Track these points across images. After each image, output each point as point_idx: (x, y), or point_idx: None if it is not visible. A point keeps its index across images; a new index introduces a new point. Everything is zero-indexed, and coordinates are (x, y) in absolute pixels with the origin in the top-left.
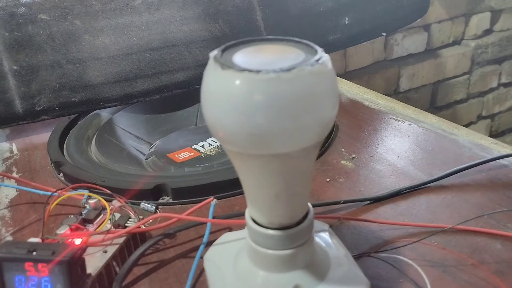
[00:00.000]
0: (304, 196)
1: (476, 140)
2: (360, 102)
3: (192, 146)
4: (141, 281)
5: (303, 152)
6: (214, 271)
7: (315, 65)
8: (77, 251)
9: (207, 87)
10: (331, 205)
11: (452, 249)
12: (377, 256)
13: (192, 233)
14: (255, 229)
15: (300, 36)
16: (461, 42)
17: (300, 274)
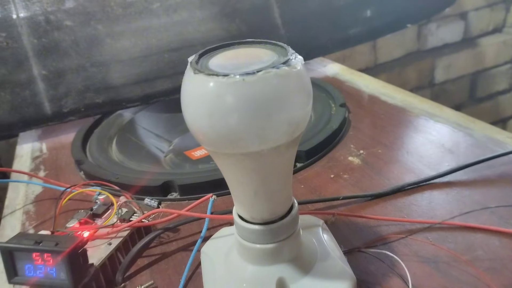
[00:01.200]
0: (284, 192)
1: (493, 134)
2: (377, 97)
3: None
4: (143, 272)
5: (275, 151)
6: (208, 264)
7: (281, 68)
8: (78, 243)
9: (183, 91)
10: (330, 201)
11: (447, 246)
12: (368, 252)
13: (195, 227)
14: (240, 224)
15: (320, 31)
16: (502, 29)
17: (285, 267)
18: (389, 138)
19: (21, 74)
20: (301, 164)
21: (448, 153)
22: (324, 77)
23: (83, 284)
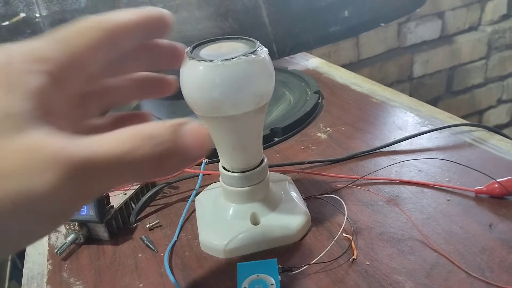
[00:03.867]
0: (256, 148)
1: (436, 115)
2: (348, 86)
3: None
4: (150, 216)
5: (246, 115)
6: (200, 208)
7: (249, 56)
8: None
9: (181, 73)
10: (298, 165)
11: (382, 194)
12: (322, 198)
13: (191, 185)
14: (224, 173)
15: (303, 29)
16: (477, 27)
17: (257, 205)
18: (352, 118)
19: None
20: (278, 139)
21: (397, 129)
22: (305, 69)
23: (106, 221)
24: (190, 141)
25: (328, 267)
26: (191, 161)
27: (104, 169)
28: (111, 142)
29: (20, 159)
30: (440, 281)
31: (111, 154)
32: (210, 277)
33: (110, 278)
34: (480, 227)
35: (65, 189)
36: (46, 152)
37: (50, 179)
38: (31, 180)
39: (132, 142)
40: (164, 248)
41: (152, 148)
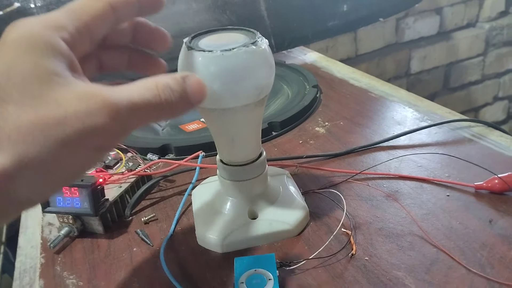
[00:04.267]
0: (254, 141)
1: (435, 110)
2: (346, 81)
3: (201, 119)
4: (146, 209)
5: (246, 108)
6: (197, 201)
7: (249, 46)
8: (97, 180)
9: (180, 63)
10: (296, 159)
11: (381, 189)
12: (320, 192)
13: (187, 178)
14: (221, 166)
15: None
16: (475, 24)
17: (255, 199)
18: (351, 113)
19: None
20: (276, 133)
21: (396, 124)
22: (303, 64)
23: (100, 214)
24: (194, 89)
25: (327, 262)
26: (194, 104)
27: (138, 110)
28: (141, 90)
29: (80, 104)
30: (440, 277)
31: (142, 99)
32: (207, 271)
33: (104, 272)
34: (480, 223)
35: (114, 126)
36: (98, 98)
37: (104, 118)
38: (91, 119)
39: (155, 90)
40: (159, 242)
41: (168, 94)
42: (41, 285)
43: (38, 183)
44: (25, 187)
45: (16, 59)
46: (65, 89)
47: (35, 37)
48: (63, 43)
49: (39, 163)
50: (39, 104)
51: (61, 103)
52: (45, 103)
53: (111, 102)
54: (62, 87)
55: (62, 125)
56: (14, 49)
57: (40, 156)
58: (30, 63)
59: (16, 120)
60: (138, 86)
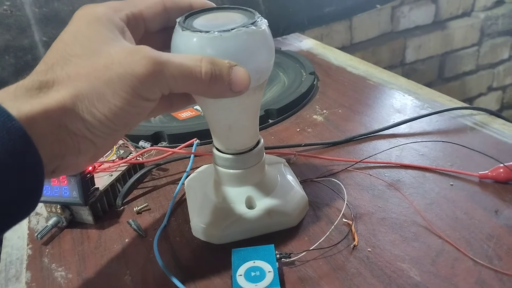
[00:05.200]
0: (252, 128)
1: (435, 98)
2: (343, 68)
3: (194, 107)
4: (138, 199)
5: (245, 93)
6: (191, 191)
7: (249, 27)
8: (87, 168)
9: (173, 45)
10: (294, 147)
11: (383, 178)
12: (318, 180)
13: (181, 167)
14: (217, 155)
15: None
16: (471, 13)
17: (252, 188)
18: (349, 101)
19: (24, 39)
20: (273, 120)
21: (396, 112)
22: (299, 51)
23: (90, 203)
24: (239, 78)
25: (328, 253)
26: (233, 93)
27: (176, 71)
28: (185, 57)
29: (126, 55)
30: (446, 269)
31: (181, 63)
32: (203, 264)
33: (94, 264)
34: (486, 213)
35: (150, 77)
36: (141, 52)
37: (141, 68)
38: (131, 67)
39: (197, 61)
40: (153, 233)
41: (211, 68)
42: (28, 277)
43: (87, 117)
44: (78, 120)
45: (82, 26)
46: (117, 45)
47: (98, 14)
48: (119, 20)
49: (88, 99)
50: (96, 56)
51: (111, 54)
52: (100, 55)
53: (151, 56)
54: (115, 45)
55: (109, 70)
56: (82, 21)
57: (89, 93)
58: (93, 29)
59: (76, 66)
60: (185, 55)
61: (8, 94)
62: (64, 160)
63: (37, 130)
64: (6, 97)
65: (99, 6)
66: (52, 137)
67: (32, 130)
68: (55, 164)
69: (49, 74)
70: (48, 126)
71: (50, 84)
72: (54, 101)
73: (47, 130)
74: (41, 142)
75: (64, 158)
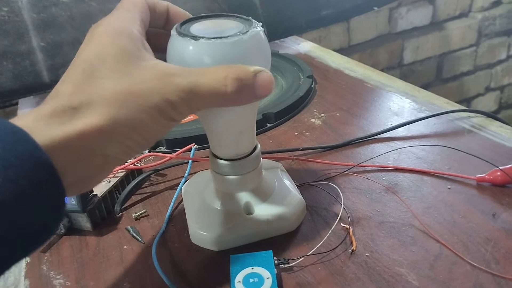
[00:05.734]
0: (250, 134)
1: (433, 100)
2: (341, 71)
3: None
4: (136, 205)
5: None
6: (189, 197)
7: (247, 34)
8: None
9: (169, 51)
10: (292, 151)
11: (381, 182)
12: (315, 185)
13: (179, 172)
14: (214, 161)
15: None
16: (468, 14)
17: (250, 194)
18: (347, 104)
19: (22, 45)
20: (271, 124)
21: (393, 115)
22: (297, 54)
23: (88, 210)
24: (263, 83)
25: (326, 258)
26: (259, 98)
27: (205, 95)
28: (210, 79)
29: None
30: (444, 274)
31: (208, 87)
32: (201, 270)
33: (93, 271)
34: (483, 217)
35: (181, 104)
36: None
37: (174, 97)
38: (165, 96)
39: (223, 81)
40: (151, 239)
41: (237, 86)
42: (27, 285)
43: (124, 141)
44: (114, 143)
45: (106, 45)
46: (146, 67)
47: (118, 29)
48: (137, 32)
49: (126, 124)
50: (128, 80)
51: (144, 80)
52: (132, 79)
53: (182, 87)
54: (143, 66)
55: (146, 97)
56: (103, 39)
57: (128, 119)
58: (117, 48)
59: (109, 90)
60: (210, 73)
61: (39, 120)
62: (86, 182)
63: (69, 156)
64: (37, 123)
65: (115, 21)
66: (82, 161)
67: (64, 156)
68: (79, 186)
69: (81, 96)
70: (81, 151)
71: (84, 108)
72: (89, 126)
73: (79, 155)
74: (70, 168)
75: (87, 180)
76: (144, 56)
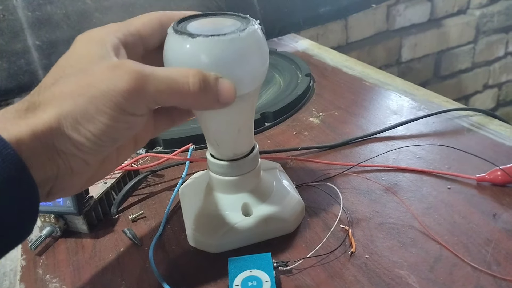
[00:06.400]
0: (247, 134)
1: (431, 99)
2: (339, 69)
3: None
4: (133, 206)
5: (239, 99)
6: (186, 199)
7: (244, 31)
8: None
9: (166, 50)
10: (290, 151)
11: (380, 182)
12: (314, 185)
13: (176, 173)
14: (212, 161)
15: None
16: (466, 11)
17: (248, 195)
18: (346, 102)
19: (17, 44)
20: (269, 124)
21: (392, 114)
22: (295, 52)
23: (84, 212)
24: (226, 89)
25: (325, 260)
26: (221, 104)
27: (162, 84)
28: (170, 70)
29: (108, 71)
30: (445, 276)
31: (169, 76)
32: (199, 273)
33: (89, 274)
34: (484, 217)
35: (136, 91)
36: (123, 67)
37: (124, 84)
38: (113, 83)
39: (184, 73)
40: (148, 242)
41: (199, 81)
42: None
43: (73, 135)
44: (63, 138)
45: (77, 48)
46: (103, 63)
47: (93, 35)
48: (114, 38)
49: (72, 117)
50: (82, 75)
51: (95, 71)
52: (86, 74)
53: (133, 70)
54: (102, 62)
55: (92, 87)
56: (78, 44)
57: (73, 110)
58: (85, 50)
59: (62, 85)
60: (171, 68)
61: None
62: (57, 181)
63: (27, 151)
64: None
65: (98, 29)
66: (42, 158)
67: (21, 151)
68: (49, 185)
69: (38, 95)
70: (37, 147)
71: (37, 105)
72: (41, 121)
73: (36, 151)
74: (31, 164)
75: (58, 179)
76: (108, 56)
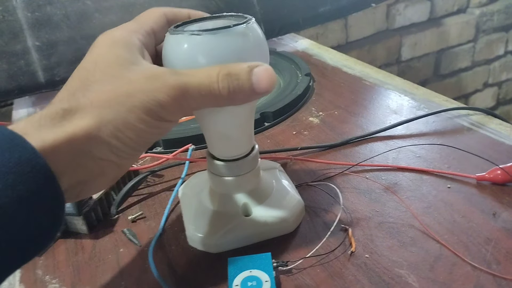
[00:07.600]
0: (248, 135)
1: (431, 98)
2: (339, 68)
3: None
4: (133, 206)
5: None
6: (185, 199)
7: (239, 27)
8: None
9: (164, 52)
10: (290, 151)
11: (380, 181)
12: (314, 185)
13: (176, 173)
14: (212, 161)
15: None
16: (466, 10)
17: (248, 195)
18: (345, 102)
19: (17, 45)
20: (269, 123)
21: (392, 113)
22: (295, 51)
23: (84, 213)
24: (261, 79)
25: (325, 259)
26: (259, 95)
27: (195, 93)
28: (201, 76)
29: (146, 82)
30: (444, 275)
31: (199, 84)
32: (199, 273)
33: (89, 275)
34: (484, 216)
35: (171, 103)
36: (161, 79)
37: (163, 96)
38: (153, 95)
39: (214, 78)
40: (148, 242)
41: (227, 82)
42: None
43: (111, 142)
44: (101, 145)
45: (102, 51)
46: (136, 70)
47: (116, 37)
48: (137, 40)
49: (113, 125)
50: (116, 82)
51: (132, 80)
52: (121, 81)
53: (171, 83)
54: (134, 69)
55: (132, 97)
56: (101, 46)
57: (113, 119)
58: (112, 53)
59: (98, 92)
60: (201, 71)
61: (33, 124)
62: (87, 184)
63: (62, 159)
64: (31, 127)
65: (117, 30)
66: (75, 164)
67: (56, 159)
68: (79, 189)
69: (71, 101)
70: (73, 154)
71: (73, 112)
72: (79, 129)
73: (71, 158)
74: (65, 171)
75: (87, 183)
76: (138, 62)
